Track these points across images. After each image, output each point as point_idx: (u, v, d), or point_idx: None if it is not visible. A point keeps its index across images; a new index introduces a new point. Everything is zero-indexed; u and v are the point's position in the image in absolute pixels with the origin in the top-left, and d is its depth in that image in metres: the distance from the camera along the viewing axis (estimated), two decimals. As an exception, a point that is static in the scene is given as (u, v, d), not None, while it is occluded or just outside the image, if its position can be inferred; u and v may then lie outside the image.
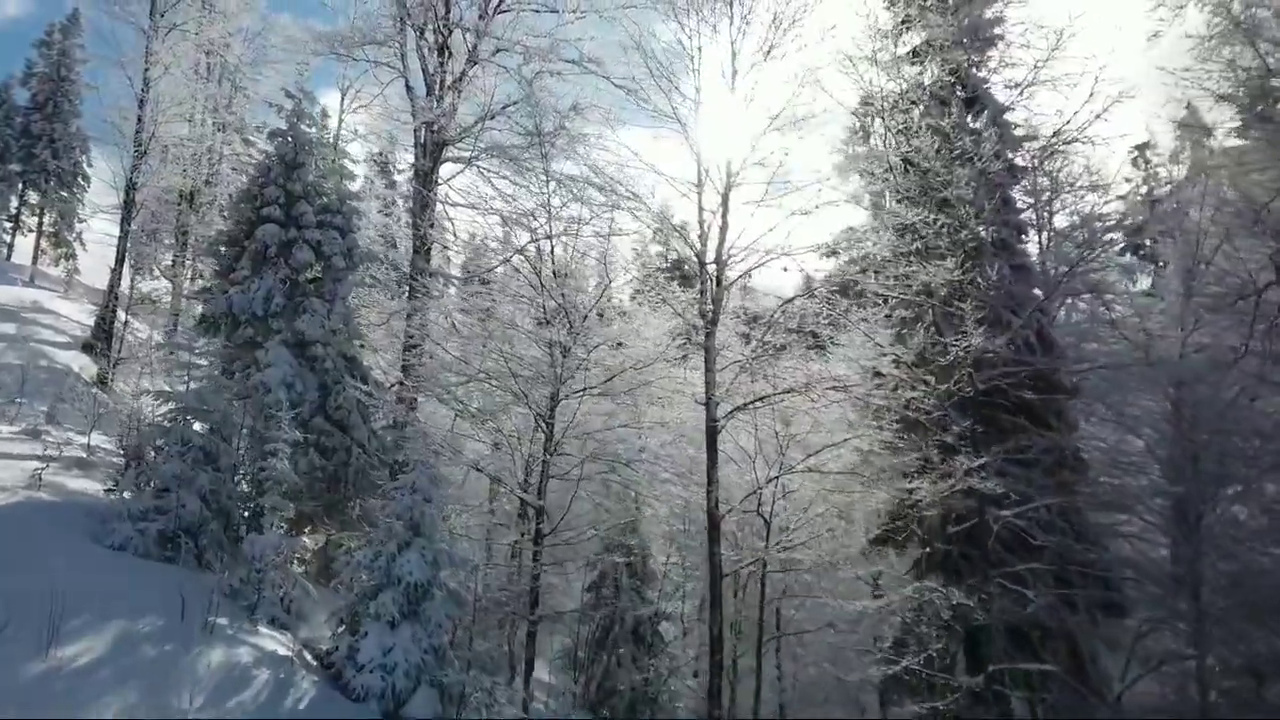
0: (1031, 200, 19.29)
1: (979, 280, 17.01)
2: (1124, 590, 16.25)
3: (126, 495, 14.72)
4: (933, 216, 17.18)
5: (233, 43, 33.29)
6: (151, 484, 14.65)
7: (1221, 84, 16.94)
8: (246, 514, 15.46)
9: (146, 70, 29.70)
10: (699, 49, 17.73)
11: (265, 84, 37.35)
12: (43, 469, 15.33)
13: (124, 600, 11.67)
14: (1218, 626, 12.48)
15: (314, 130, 20.77)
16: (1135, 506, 16.48)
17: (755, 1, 17.36)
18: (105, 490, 15.21)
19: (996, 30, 20.00)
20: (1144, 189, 35.59)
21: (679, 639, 22.57)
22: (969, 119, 19.90)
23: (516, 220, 18.60)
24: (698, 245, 17.25)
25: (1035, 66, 16.99)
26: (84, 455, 19.30)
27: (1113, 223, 17.20)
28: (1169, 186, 18.79)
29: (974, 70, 20.24)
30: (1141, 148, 36.50)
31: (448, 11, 23.51)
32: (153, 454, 15.55)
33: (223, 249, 19.99)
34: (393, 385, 22.60)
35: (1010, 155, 20.19)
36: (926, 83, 20.57)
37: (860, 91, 20.72)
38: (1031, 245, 19.85)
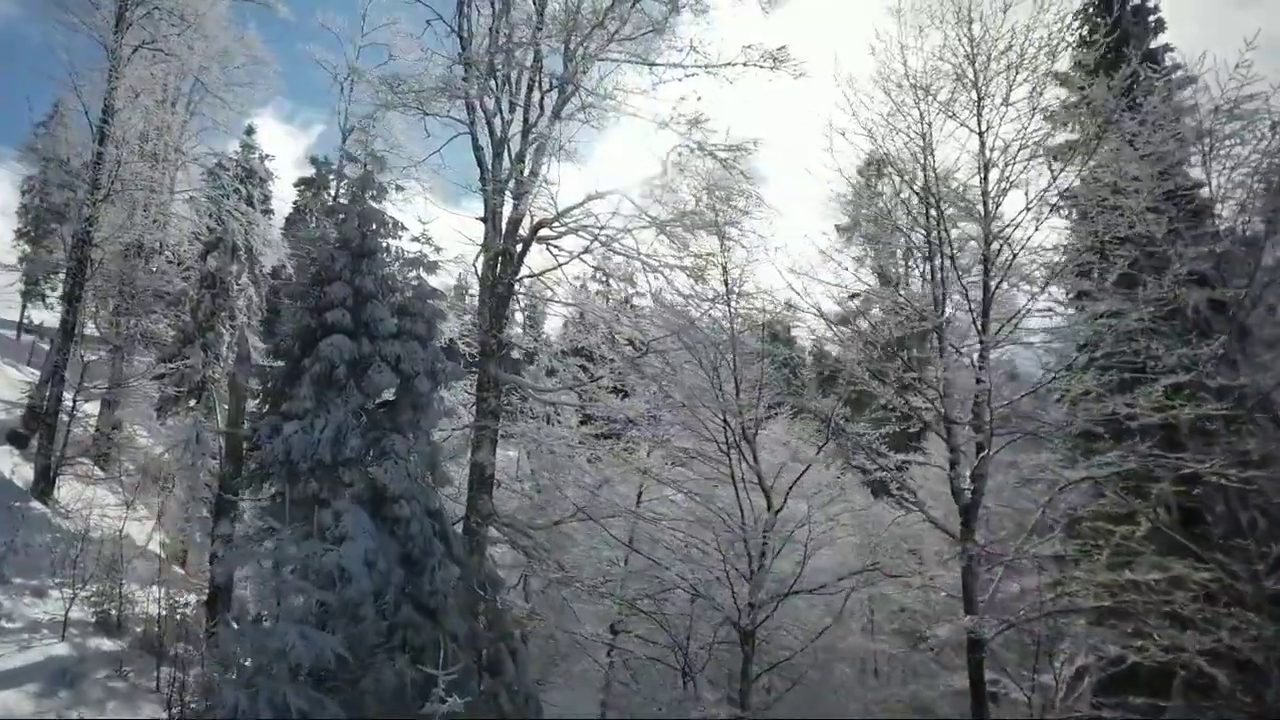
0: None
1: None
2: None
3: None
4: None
5: (213, 67, 27.69)
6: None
7: None
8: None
9: (110, 96, 24.00)
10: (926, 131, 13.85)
11: (225, 112, 32.02)
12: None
13: None
14: None
15: (384, 204, 15.82)
16: None
17: (1012, 81, 13.52)
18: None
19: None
20: None
21: None
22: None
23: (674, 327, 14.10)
24: (935, 391, 13.27)
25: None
26: (69, 650, 13.99)
27: None
28: None
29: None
30: None
31: (538, 59, 18.92)
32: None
33: (270, 366, 14.89)
34: (457, 521, 17.74)
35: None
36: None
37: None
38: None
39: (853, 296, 49.52)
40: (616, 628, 18.63)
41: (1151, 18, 18.71)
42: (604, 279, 18.51)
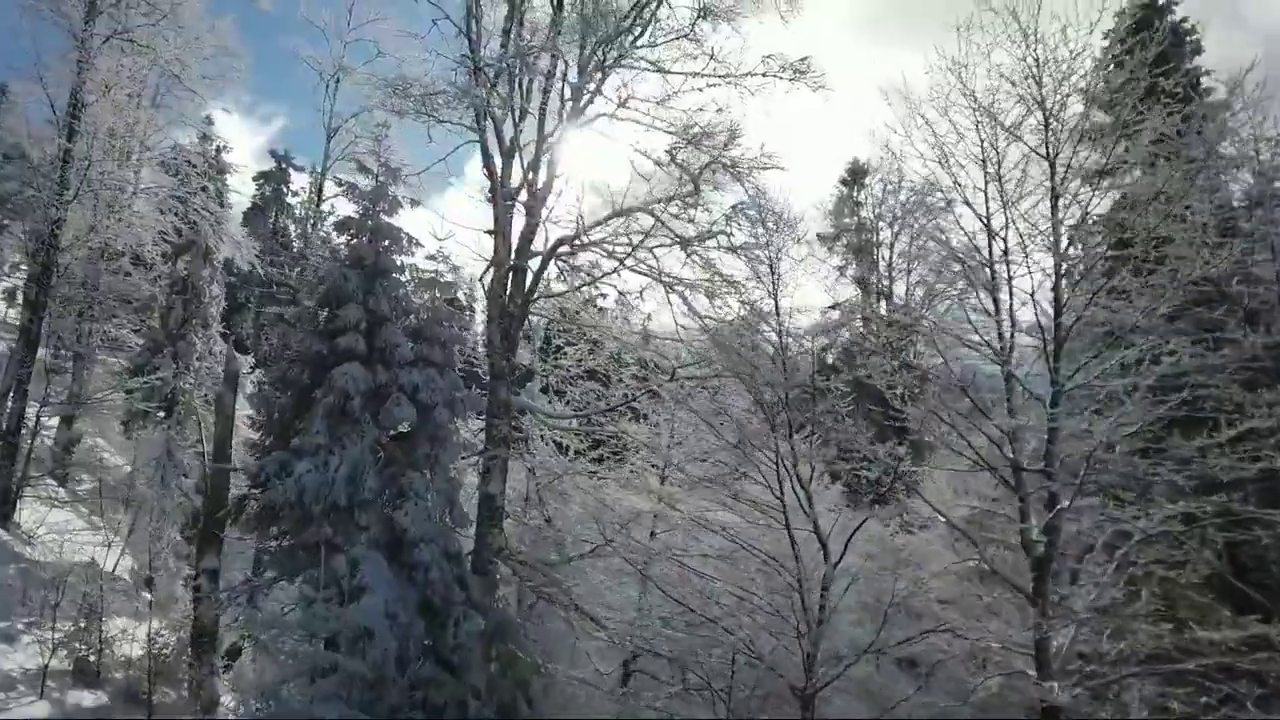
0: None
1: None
2: None
3: None
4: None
5: (188, 60, 26.06)
6: None
7: None
8: None
9: (79, 89, 22.32)
10: (987, 155, 13.03)
11: (192, 106, 30.44)
12: None
13: None
14: None
15: (397, 218, 14.64)
16: None
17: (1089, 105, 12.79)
18: None
19: None
20: None
21: None
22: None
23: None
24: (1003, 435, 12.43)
25: None
26: (49, 710, 12.63)
27: None
28: None
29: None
30: None
31: (554, 64, 17.80)
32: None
33: (276, 396, 13.62)
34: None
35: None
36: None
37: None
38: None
39: (833, 307, 48.02)
40: (630, 667, 17.63)
41: (1190, 39, 18.21)
42: (628, 300, 17.33)
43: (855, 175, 46.77)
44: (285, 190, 57.93)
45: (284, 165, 57.02)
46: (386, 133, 14.88)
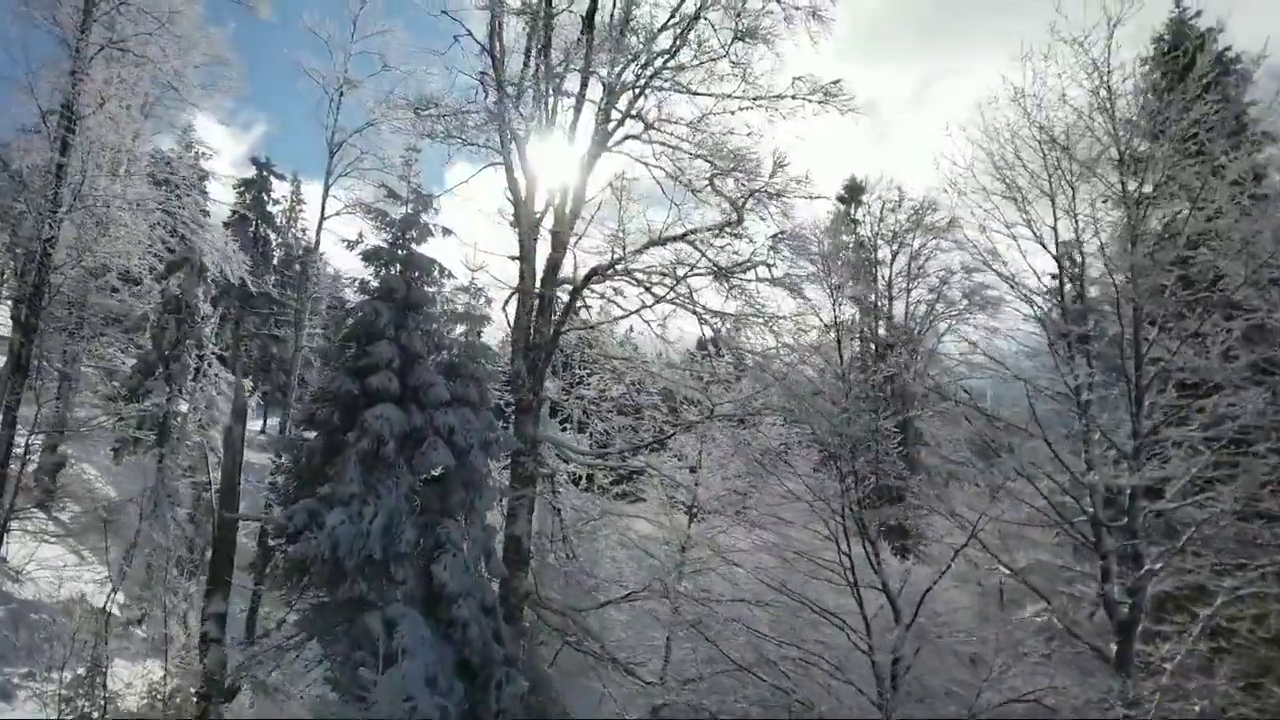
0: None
1: None
2: None
3: None
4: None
5: (184, 70, 25.02)
6: None
7: None
8: None
9: (74, 100, 21.29)
10: (1057, 189, 12.43)
11: (183, 116, 29.52)
12: None
13: None
14: None
15: (426, 245, 13.78)
16: None
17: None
18: None
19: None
20: None
21: None
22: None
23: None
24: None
25: None
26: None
27: None
28: None
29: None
30: None
31: (584, 85, 17.05)
32: None
33: (304, 437, 12.71)
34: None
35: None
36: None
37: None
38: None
39: (829, 328, 47.29)
40: (660, 715, 16.83)
41: (1236, 68, 17.74)
42: (652, 329, 16.57)
43: (852, 193, 46.26)
44: (266, 199, 56.80)
45: (265, 173, 55.86)
46: (417, 156, 14.00)
